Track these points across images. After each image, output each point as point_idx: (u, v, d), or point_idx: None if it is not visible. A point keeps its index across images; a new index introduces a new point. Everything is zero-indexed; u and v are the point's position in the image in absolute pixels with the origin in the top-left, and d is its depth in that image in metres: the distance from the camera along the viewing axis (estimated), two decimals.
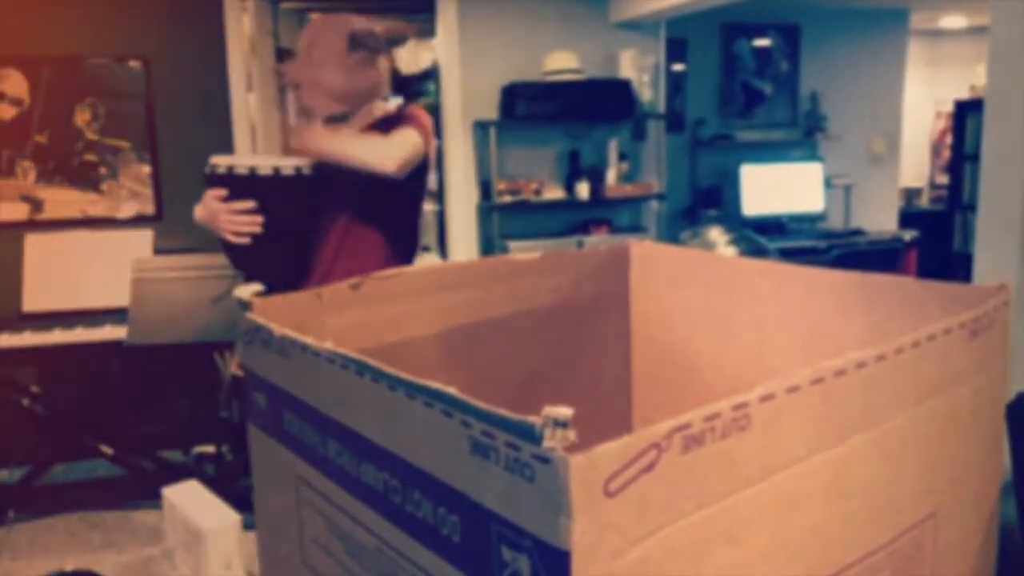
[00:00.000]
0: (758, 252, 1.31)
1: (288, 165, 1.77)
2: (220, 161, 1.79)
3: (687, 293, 1.02)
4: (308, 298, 0.83)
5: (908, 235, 5.09)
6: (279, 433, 0.72)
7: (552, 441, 0.42)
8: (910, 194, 6.54)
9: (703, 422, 0.46)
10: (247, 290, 0.79)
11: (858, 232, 5.11)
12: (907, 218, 5.98)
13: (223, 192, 1.76)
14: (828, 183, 5.30)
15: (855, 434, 0.56)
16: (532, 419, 0.43)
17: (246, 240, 1.77)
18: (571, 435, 0.42)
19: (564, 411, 0.42)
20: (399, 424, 0.54)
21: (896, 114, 5.74)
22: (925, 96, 6.67)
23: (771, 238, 4.28)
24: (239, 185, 1.76)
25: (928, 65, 6.66)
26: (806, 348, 0.90)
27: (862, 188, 5.63)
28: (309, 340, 0.64)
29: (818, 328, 0.90)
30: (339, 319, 0.85)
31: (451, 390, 0.49)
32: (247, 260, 1.84)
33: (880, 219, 5.72)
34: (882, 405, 0.58)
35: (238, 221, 1.75)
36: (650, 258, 1.07)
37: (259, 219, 1.76)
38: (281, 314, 0.74)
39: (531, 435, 0.43)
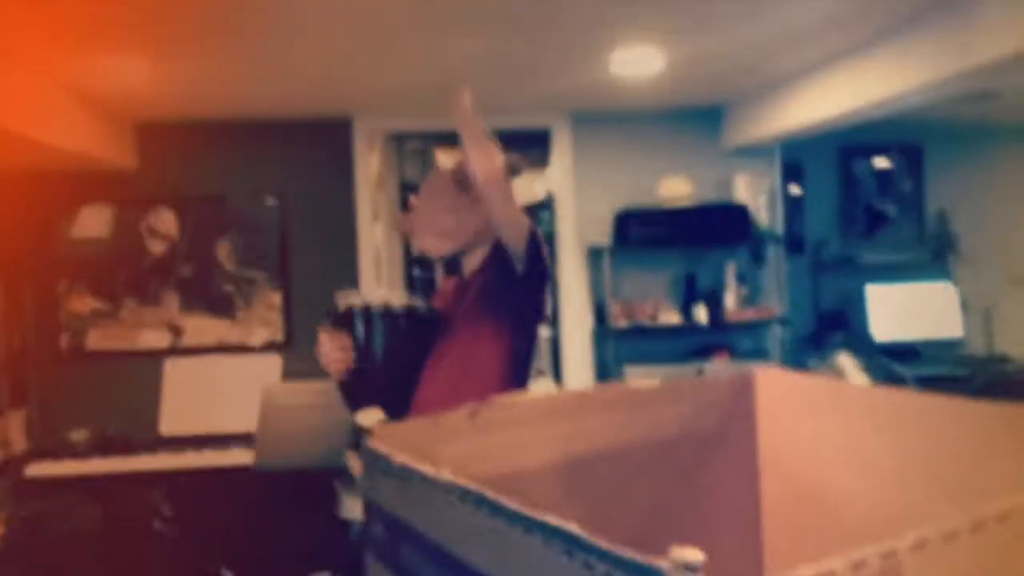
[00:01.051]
0: (894, 380, 1.23)
1: (399, 305, 1.80)
2: (346, 300, 1.82)
3: (820, 424, 0.96)
4: (426, 425, 0.83)
5: None
6: (396, 564, 0.70)
7: None
8: None
9: (849, 572, 0.42)
10: (369, 417, 0.80)
11: (1003, 359, 4.76)
12: None
13: (331, 331, 1.79)
14: (964, 305, 5.01)
15: None
16: (660, 562, 0.40)
17: (342, 377, 1.78)
18: None
19: (694, 554, 0.40)
20: (517, 560, 0.52)
21: None
22: None
23: (905, 364, 4.04)
24: (355, 322, 1.79)
25: None
26: (955, 486, 0.83)
27: (1003, 311, 5.28)
28: (427, 469, 0.64)
29: (967, 464, 0.82)
30: (456, 447, 0.84)
31: (572, 526, 0.47)
32: (358, 393, 1.83)
33: None
34: None
35: (336, 358, 1.77)
36: (777, 386, 1.03)
37: (352, 355, 1.77)
38: (400, 441, 0.74)
39: None
